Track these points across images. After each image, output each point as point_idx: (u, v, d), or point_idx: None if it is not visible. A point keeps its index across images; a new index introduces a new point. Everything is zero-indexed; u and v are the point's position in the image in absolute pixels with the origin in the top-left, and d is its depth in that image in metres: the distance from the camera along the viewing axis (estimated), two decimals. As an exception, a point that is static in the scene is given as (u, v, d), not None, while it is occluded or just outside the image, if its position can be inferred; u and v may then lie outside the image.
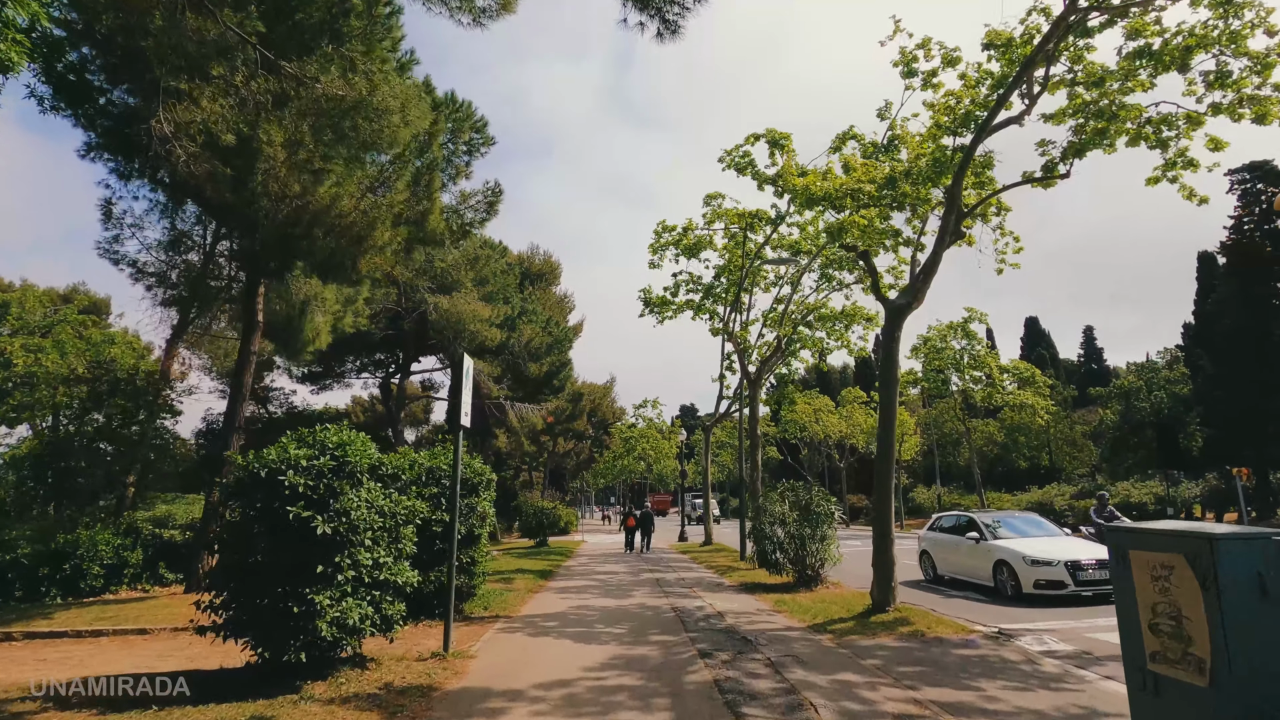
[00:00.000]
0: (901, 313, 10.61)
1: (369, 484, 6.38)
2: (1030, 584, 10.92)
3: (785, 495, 14.43)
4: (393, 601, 6.54)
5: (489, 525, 10.45)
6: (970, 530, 12.82)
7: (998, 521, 12.98)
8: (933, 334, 41.66)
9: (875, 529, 10.36)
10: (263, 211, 11.15)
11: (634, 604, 11.43)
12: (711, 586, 14.12)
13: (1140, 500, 32.58)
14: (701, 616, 10.08)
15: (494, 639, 8.51)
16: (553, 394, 31.74)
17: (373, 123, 9.19)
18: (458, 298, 27.10)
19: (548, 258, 36.59)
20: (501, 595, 11.77)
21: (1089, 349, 79.20)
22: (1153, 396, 42.98)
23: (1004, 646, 8.13)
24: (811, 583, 13.59)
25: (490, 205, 16.07)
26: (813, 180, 12.00)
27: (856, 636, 8.64)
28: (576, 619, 9.96)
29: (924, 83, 12.39)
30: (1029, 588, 10.96)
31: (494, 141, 16.04)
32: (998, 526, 12.64)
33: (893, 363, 10.56)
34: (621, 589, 13.61)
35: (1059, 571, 10.79)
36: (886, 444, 10.40)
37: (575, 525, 41.42)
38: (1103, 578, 10.60)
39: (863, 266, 22.91)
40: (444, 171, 15.59)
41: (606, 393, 45.09)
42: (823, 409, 54.92)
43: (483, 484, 10.30)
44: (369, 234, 12.00)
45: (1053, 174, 10.48)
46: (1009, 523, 12.91)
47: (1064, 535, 12.57)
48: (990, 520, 12.94)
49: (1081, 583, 10.66)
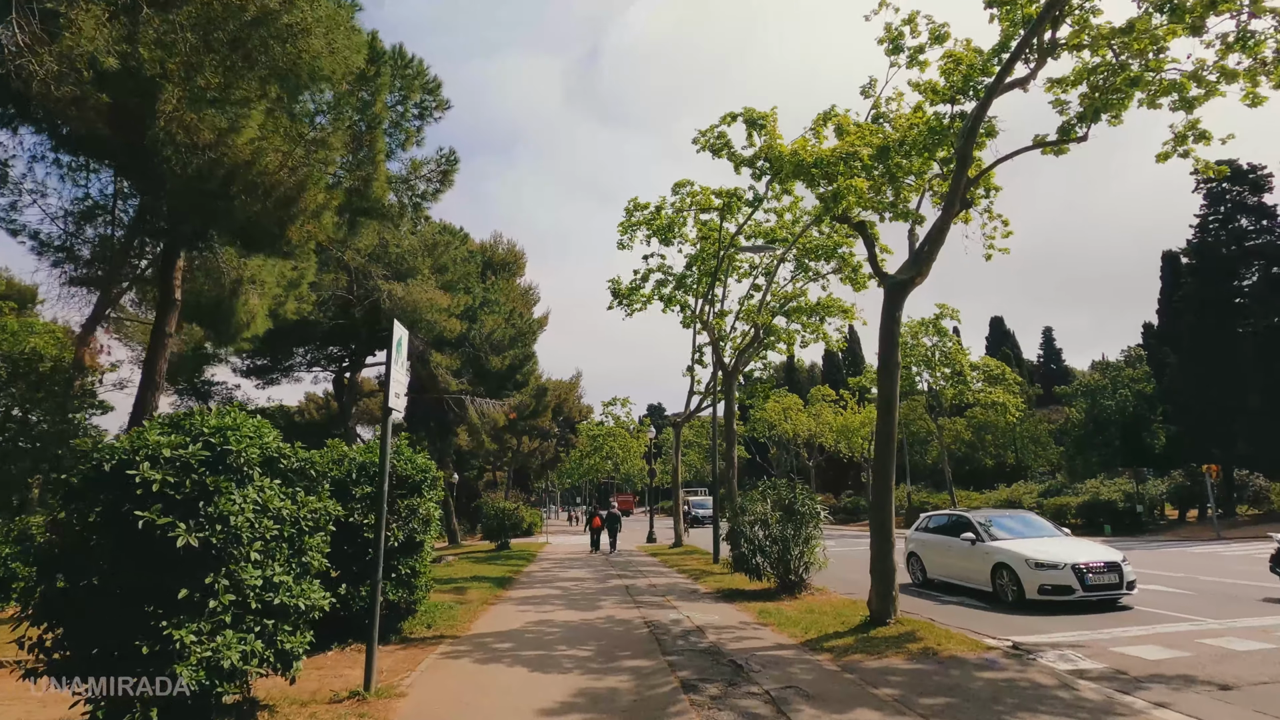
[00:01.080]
0: (903, 289, 9.50)
1: (262, 481, 4.94)
2: (1034, 589, 9.95)
3: (766, 494, 13.27)
4: (294, 631, 5.11)
5: (434, 530, 9.01)
6: (964, 531, 11.80)
7: (993, 521, 12.01)
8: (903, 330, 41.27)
9: (874, 531, 9.22)
10: (168, 163, 9.51)
11: (602, 617, 10.10)
12: (686, 594, 12.87)
13: (1109, 498, 32.43)
14: (680, 633, 8.80)
15: (434, 668, 7.09)
16: (516, 389, 30.17)
17: (287, 45, 7.68)
18: (414, 285, 25.35)
19: (511, 247, 34.95)
20: (450, 609, 10.32)
21: (1048, 349, 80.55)
22: (1118, 395, 43.27)
23: (1029, 667, 7.03)
24: (795, 589, 12.46)
25: (444, 175, 14.57)
26: (802, 145, 10.83)
27: (861, 656, 7.46)
28: (534, 638, 8.59)
29: (910, 59, 11.35)
30: (1033, 593, 9.98)
31: (449, 105, 14.51)
32: (993, 526, 11.65)
33: (893, 345, 9.43)
34: (588, 599, 12.27)
35: (1065, 575, 9.82)
36: (887, 435, 9.27)
37: (540, 527, 39.86)
38: (1110, 582, 9.69)
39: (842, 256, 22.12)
40: (391, 136, 14.01)
41: (572, 389, 43.61)
42: (792, 407, 54.41)
43: (426, 482, 8.86)
44: (298, 196, 10.42)
45: (1069, 136, 9.48)
46: (1005, 522, 11.95)
47: (1064, 535, 11.63)
48: (985, 520, 11.96)
49: (1089, 587, 9.71)
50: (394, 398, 5.98)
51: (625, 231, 18.62)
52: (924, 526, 13.62)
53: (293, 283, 18.55)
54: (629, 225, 18.44)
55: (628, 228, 18.49)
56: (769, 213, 20.82)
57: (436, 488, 9.19)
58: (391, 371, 5.93)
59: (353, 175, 12.51)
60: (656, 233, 18.41)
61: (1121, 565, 9.87)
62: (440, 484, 9.41)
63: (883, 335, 9.52)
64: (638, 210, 18.12)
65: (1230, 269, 33.77)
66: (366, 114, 11.96)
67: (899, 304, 9.49)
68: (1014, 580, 10.32)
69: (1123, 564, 9.91)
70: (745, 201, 18.37)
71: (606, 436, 54.84)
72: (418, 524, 8.54)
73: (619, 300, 23.27)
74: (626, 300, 23.24)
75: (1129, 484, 34.03)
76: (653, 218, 18.16)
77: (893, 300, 9.51)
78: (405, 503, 8.53)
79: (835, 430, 53.15)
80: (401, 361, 6.23)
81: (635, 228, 18.42)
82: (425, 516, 8.69)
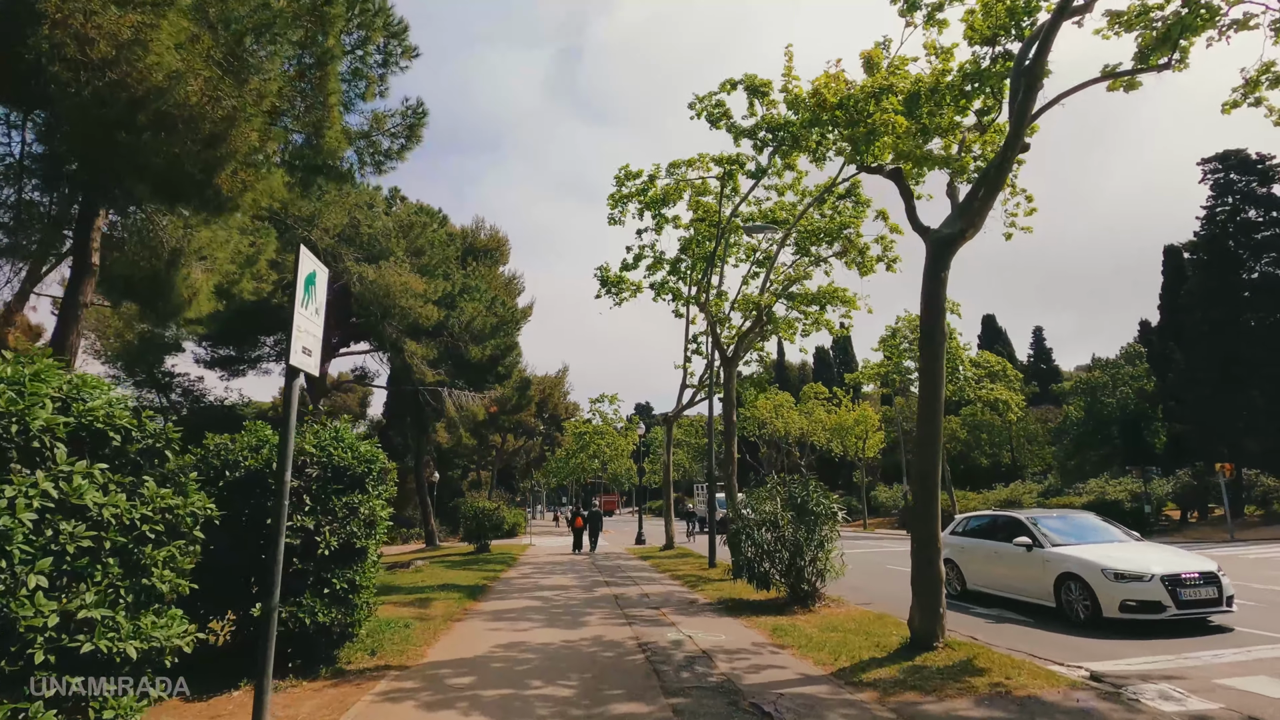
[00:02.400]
0: (950, 246, 7.93)
1: (66, 464, 3.25)
2: (1114, 606, 8.30)
3: (776, 491, 11.69)
4: (129, 679, 3.42)
5: (380, 534, 7.33)
6: (1017, 535, 10.16)
7: (1039, 521, 10.39)
8: (901, 324, 39.93)
9: (917, 538, 7.64)
10: (58, 85, 7.76)
11: (587, 638, 8.44)
12: (684, 606, 11.25)
13: (1115, 498, 31.25)
14: (683, 660, 7.17)
15: (361, 717, 5.41)
16: (497, 381, 28.40)
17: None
18: (387, 268, 23.58)
19: (494, 233, 33.16)
20: (405, 629, 8.62)
21: (1039, 349, 79.70)
22: (1118, 392, 42.21)
23: (1138, 713, 5.47)
24: (808, 600, 10.89)
25: (411, 130, 12.84)
26: (825, 82, 9.22)
27: (915, 696, 5.87)
28: (503, 669, 6.92)
29: (927, 18, 9.84)
30: (1112, 611, 8.33)
31: (416, 53, 12.76)
32: (1047, 529, 10.03)
33: (939, 313, 7.86)
34: (571, 612, 10.62)
35: (1154, 590, 8.16)
36: (931, 419, 7.69)
37: (524, 527, 38.10)
38: (1208, 597, 8.07)
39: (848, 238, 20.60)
40: (350, 85, 12.28)
41: (558, 384, 41.82)
42: (783, 404, 53.03)
43: (371, 475, 7.18)
44: (226, 134, 8.70)
45: (1147, 65, 7.95)
46: (1056, 523, 10.30)
47: (1134, 539, 10.07)
48: (1042, 521, 10.31)
49: (1184, 604, 8.06)
50: (299, 353, 4.30)
51: (616, 205, 16.96)
52: (962, 529, 11.97)
53: (249, 259, 16.72)
54: (619, 198, 16.79)
55: (618, 200, 16.83)
56: (769, 189, 19.33)
57: (385, 482, 7.51)
58: (296, 316, 4.25)
59: (301, 121, 10.77)
60: (649, 206, 16.77)
61: (1219, 576, 8.28)
62: (391, 478, 7.73)
63: (925, 301, 7.94)
64: (629, 180, 16.48)
65: (1238, 261, 32.72)
66: (316, 48, 10.23)
67: (945, 263, 7.92)
68: (1085, 594, 8.67)
69: (1220, 574, 8.32)
70: (747, 172, 16.79)
71: (594, 435, 53.15)
72: (358, 526, 6.85)
73: (607, 288, 21.69)
74: (615, 288, 21.65)
75: (1134, 483, 32.88)
76: (645, 187, 16.52)
77: (937, 259, 7.94)
78: (343, 500, 6.84)
79: (828, 429, 51.86)
80: (314, 305, 4.56)
81: (626, 200, 16.77)
82: (369, 517, 7.01)
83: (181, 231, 13.43)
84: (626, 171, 16.41)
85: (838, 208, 19.46)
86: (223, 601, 6.44)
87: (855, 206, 19.45)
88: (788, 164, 17.78)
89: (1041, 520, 10.43)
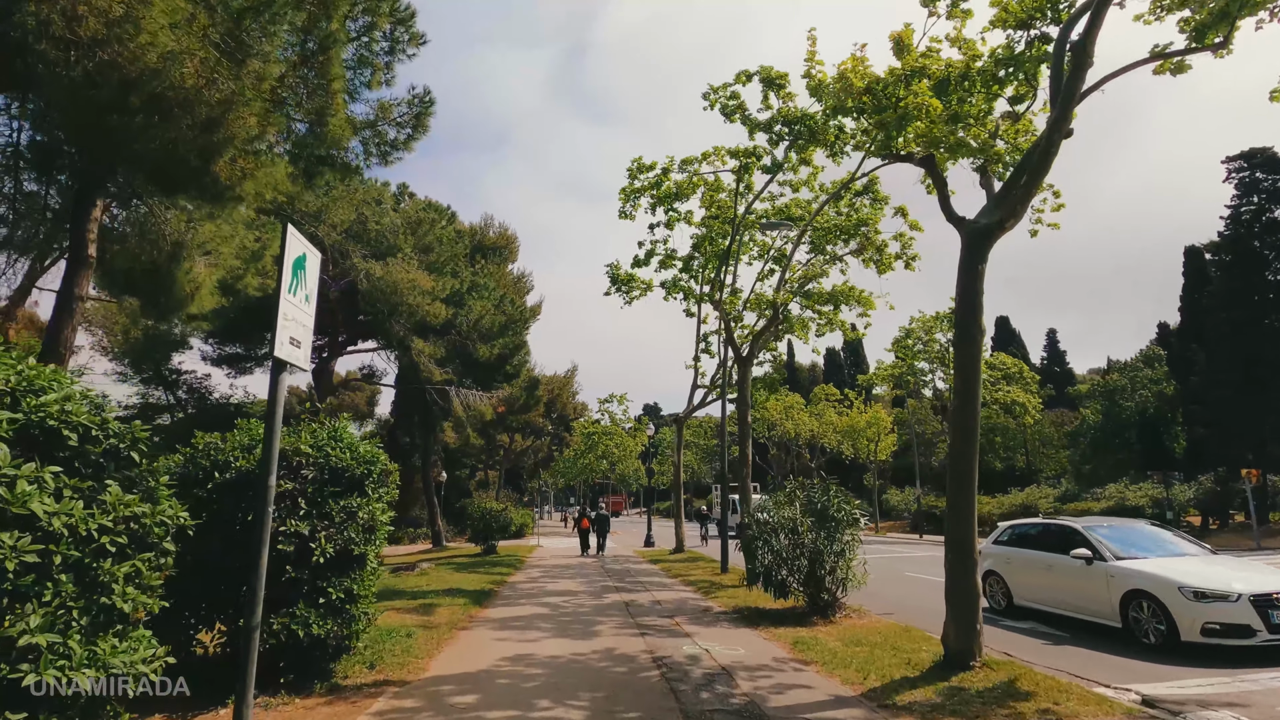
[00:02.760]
0: (987, 237, 7.43)
1: (10, 467, 2.83)
2: (1195, 629, 7.45)
3: (795, 496, 11.21)
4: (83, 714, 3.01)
5: (381, 539, 6.91)
6: (1073, 545, 9.22)
7: (1104, 531, 9.47)
8: (915, 325, 39.31)
9: (952, 547, 7.14)
10: (47, 65, 7.39)
11: (598, 651, 7.99)
12: (698, 615, 10.79)
13: (1136, 504, 30.53)
14: (701, 678, 6.70)
15: (361, 739, 4.99)
16: (506, 380, 28.01)
17: None
18: (394, 265, 23.21)
19: (503, 230, 32.76)
20: (407, 638, 8.19)
21: (1052, 351, 78.68)
22: (1137, 395, 41.35)
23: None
24: (828, 610, 10.41)
25: (418, 119, 12.45)
26: (853, 65, 8.74)
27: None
28: (508, 686, 6.48)
29: (951, 6, 9.32)
30: (1193, 634, 7.48)
31: (424, 40, 12.34)
32: (1111, 540, 9.14)
33: (975, 309, 7.37)
34: (580, 620, 10.17)
35: (1241, 611, 7.29)
36: (968, 415, 7.19)
37: (531, 528, 37.71)
38: None
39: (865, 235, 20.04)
40: (355, 73, 11.88)
41: (566, 383, 41.43)
42: (794, 406, 52.44)
43: (371, 476, 6.76)
44: (224, 117, 8.32)
45: (1201, 44, 7.43)
46: (1123, 535, 9.40)
47: (1206, 551, 9.28)
48: (1096, 530, 9.45)
49: (1277, 628, 7.22)
50: (285, 344, 3.87)
51: (627, 199, 16.52)
52: (1007, 538, 11.11)
53: (255, 254, 16.45)
54: (631, 191, 16.34)
55: (629, 195, 16.38)
56: (784, 185, 18.85)
57: (386, 485, 7.09)
58: (282, 303, 3.82)
59: (303, 109, 10.38)
60: (662, 201, 16.32)
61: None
62: (393, 480, 7.31)
63: (961, 295, 7.45)
64: (642, 172, 16.02)
65: (1263, 261, 31.90)
66: (319, 31, 9.84)
67: (982, 255, 7.43)
68: (1159, 615, 7.81)
69: None
70: (763, 167, 16.32)
71: (602, 435, 52.76)
72: (356, 532, 6.43)
73: (617, 286, 21.28)
74: (625, 286, 21.25)
75: (1155, 488, 32.09)
76: (659, 181, 16.06)
77: (974, 251, 7.45)
78: (340, 503, 6.42)
79: (839, 431, 51.23)
80: (303, 292, 4.13)
81: (638, 194, 16.32)
82: (368, 522, 6.59)
83: (184, 225, 13.13)
84: (639, 164, 15.96)
85: (855, 205, 18.96)
86: (216, 607, 6.04)
87: (873, 204, 18.95)
88: (803, 159, 17.29)
89: (1096, 529, 9.56)
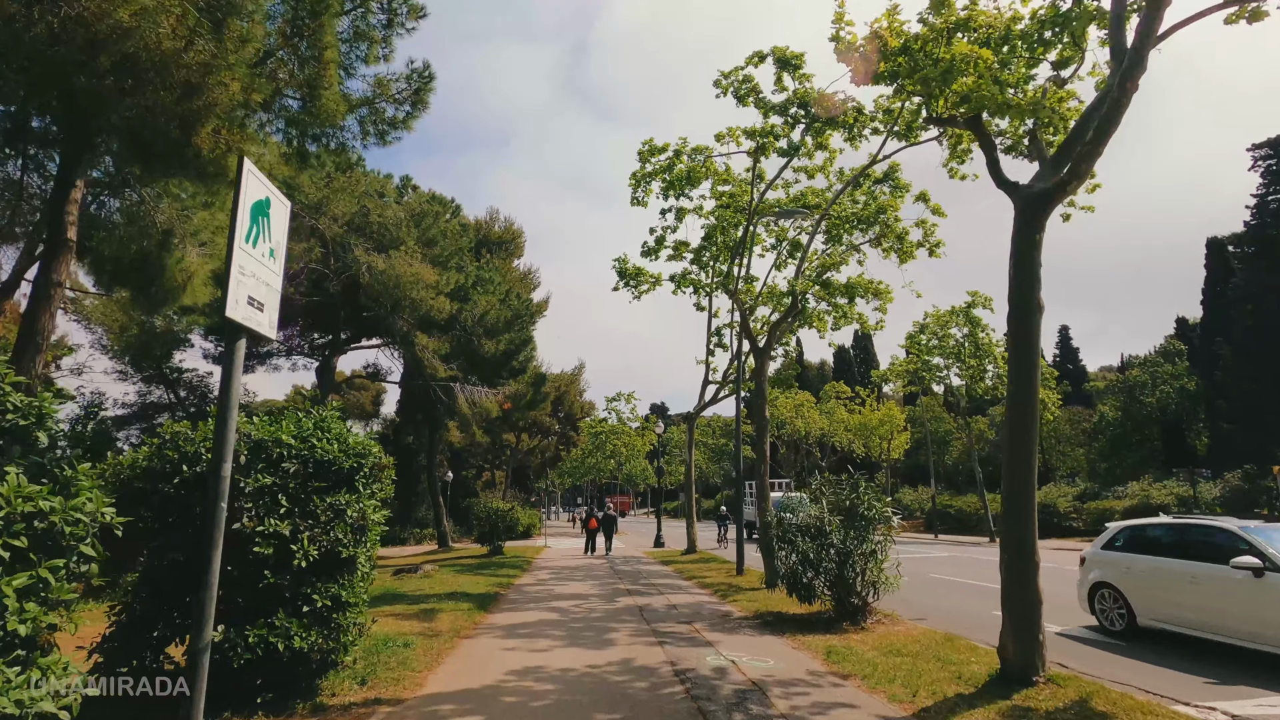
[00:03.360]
0: (1045, 204, 6.68)
1: None
2: None
3: (822, 493, 10.47)
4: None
5: (373, 540, 6.22)
6: (1233, 552, 7.53)
7: (1271, 533, 7.68)
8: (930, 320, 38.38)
9: (1008, 548, 6.40)
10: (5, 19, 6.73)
11: (614, 663, 7.27)
12: (718, 621, 10.06)
13: (1161, 501, 29.59)
14: (731, 696, 5.98)
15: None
16: (511, 377, 27.32)
17: None
18: (397, 258, 22.53)
19: (509, 225, 32.10)
20: (402, 648, 7.49)
21: (1065, 348, 77.51)
22: (1159, 391, 40.34)
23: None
24: (857, 615, 9.67)
25: (417, 95, 11.74)
26: (887, 24, 7.98)
27: (1035, 753, 4.64)
28: (515, 707, 5.77)
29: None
30: None
31: (424, 13, 11.65)
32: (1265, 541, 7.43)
33: (1031, 283, 6.61)
34: (593, 628, 9.45)
35: None
36: (1024, 415, 6.47)
37: (539, 528, 37.07)
38: None
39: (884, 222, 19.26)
40: (351, 45, 11.19)
41: (574, 381, 40.75)
42: (804, 404, 51.63)
43: (361, 471, 6.06)
44: (204, 82, 7.66)
45: (1285, -14, 6.65)
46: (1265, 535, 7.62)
47: None
48: (1260, 533, 7.67)
49: None
50: (239, 304, 3.16)
51: (638, 185, 15.80)
52: (1123, 542, 9.39)
53: (250, 245, 15.74)
54: (642, 176, 15.63)
55: (640, 179, 15.67)
56: (799, 171, 18.10)
57: (380, 480, 6.40)
58: (236, 253, 3.11)
59: (294, 79, 9.72)
60: (673, 185, 15.60)
61: None
62: (387, 474, 6.62)
63: (1015, 270, 6.70)
64: (653, 155, 15.30)
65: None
66: None
67: (1039, 224, 6.67)
68: None
69: None
70: (779, 149, 15.58)
71: (610, 434, 52.07)
72: (344, 532, 5.73)
73: (625, 281, 20.58)
74: (634, 280, 20.54)
75: (1180, 486, 31.14)
76: (671, 163, 15.33)
77: (1029, 221, 6.70)
78: (326, 500, 5.73)
79: (850, 429, 50.39)
80: (266, 244, 3.43)
81: (649, 179, 15.61)
82: (358, 521, 5.89)
83: (177, 213, 12.52)
84: (651, 146, 15.24)
85: (873, 193, 18.21)
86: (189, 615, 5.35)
87: (894, 191, 18.18)
88: (819, 143, 16.54)
89: (1262, 531, 7.75)
